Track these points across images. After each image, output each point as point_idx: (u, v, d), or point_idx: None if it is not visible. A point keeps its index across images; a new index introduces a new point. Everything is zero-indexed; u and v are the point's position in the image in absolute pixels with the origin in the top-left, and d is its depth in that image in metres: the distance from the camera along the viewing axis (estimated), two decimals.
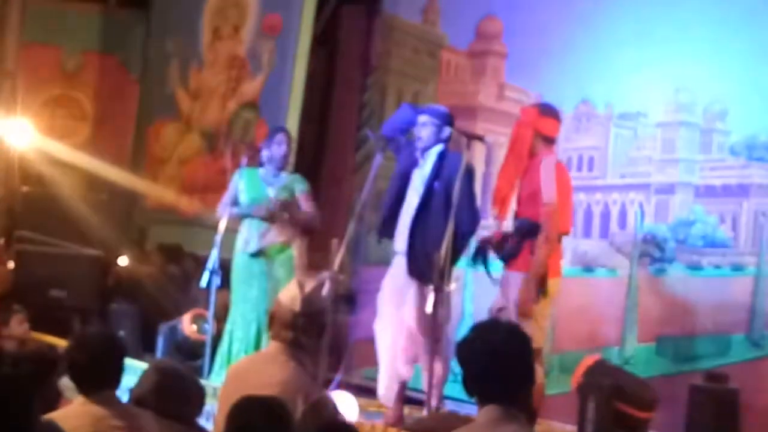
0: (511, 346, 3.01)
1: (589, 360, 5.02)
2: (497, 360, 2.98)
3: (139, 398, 3.81)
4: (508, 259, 5.34)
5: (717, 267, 6.17)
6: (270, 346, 4.00)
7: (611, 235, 6.73)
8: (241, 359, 5.13)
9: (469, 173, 5.53)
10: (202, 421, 4.11)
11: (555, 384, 5.94)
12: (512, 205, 5.59)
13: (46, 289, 8.65)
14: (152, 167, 10.25)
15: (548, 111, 5.55)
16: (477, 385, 3.02)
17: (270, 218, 6.52)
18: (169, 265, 8.91)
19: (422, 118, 5.81)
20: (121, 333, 7.69)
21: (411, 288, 5.68)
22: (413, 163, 5.82)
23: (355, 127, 8.58)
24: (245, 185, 6.64)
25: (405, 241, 5.71)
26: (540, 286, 5.12)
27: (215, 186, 8.29)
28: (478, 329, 3.12)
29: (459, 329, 7.06)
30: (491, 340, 3.02)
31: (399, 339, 5.71)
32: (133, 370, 4.06)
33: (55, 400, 3.97)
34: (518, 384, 3.02)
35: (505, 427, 2.93)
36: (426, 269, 5.54)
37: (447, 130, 5.77)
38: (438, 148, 5.78)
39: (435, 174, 5.72)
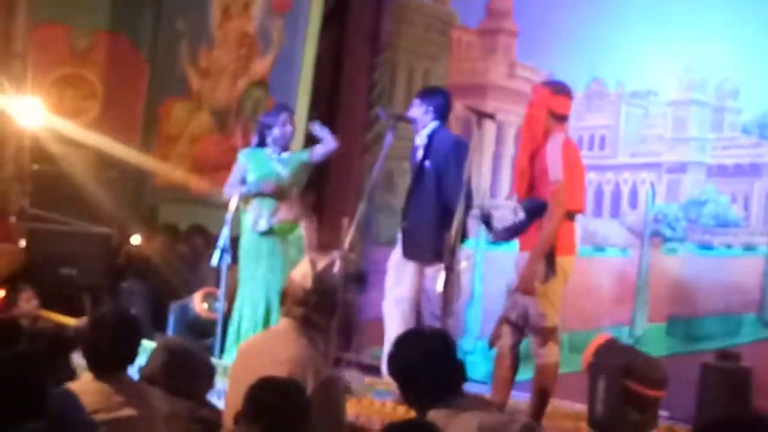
0: (433, 364, 3.29)
1: (599, 339, 5.01)
2: (424, 374, 3.27)
3: (148, 377, 3.83)
4: (514, 238, 5.32)
5: (728, 247, 6.15)
6: (281, 322, 4.00)
7: (622, 214, 6.71)
8: (251, 337, 5.12)
9: (459, 149, 5.52)
10: (213, 399, 4.12)
11: (565, 363, 5.91)
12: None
13: (56, 267, 8.66)
14: (162, 146, 10.26)
15: (560, 89, 5.51)
16: (411, 398, 3.35)
17: (280, 194, 6.51)
18: (179, 243, 8.92)
19: (414, 100, 5.85)
20: (132, 311, 7.71)
21: (408, 266, 5.72)
22: (416, 146, 5.86)
23: (366, 105, 8.54)
24: (252, 164, 6.63)
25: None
26: (549, 264, 5.10)
27: (225, 164, 8.24)
28: (403, 342, 3.44)
29: (468, 309, 7.09)
30: (408, 355, 3.34)
31: (400, 318, 5.74)
32: (144, 348, 4.07)
33: (69, 378, 3.98)
34: (449, 385, 3.30)
35: (463, 416, 3.18)
36: (419, 249, 5.57)
37: (435, 107, 5.75)
38: (431, 126, 5.78)
39: (425, 153, 5.74)
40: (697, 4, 6.33)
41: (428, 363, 3.32)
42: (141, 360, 3.91)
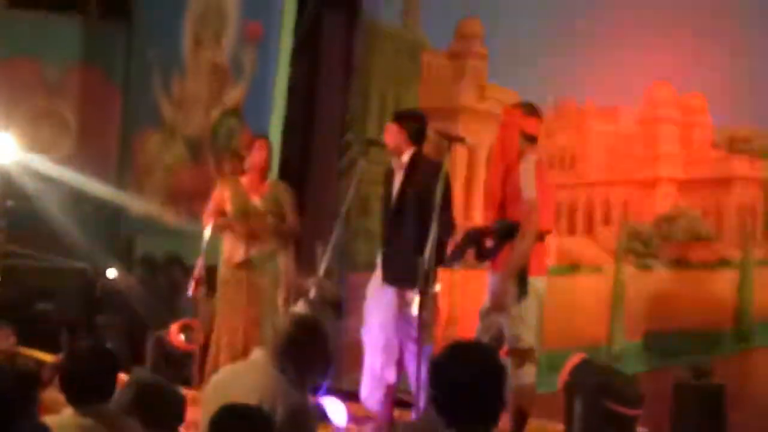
0: (486, 379, 3.02)
1: (574, 359, 5.02)
2: (472, 392, 2.99)
3: (119, 411, 3.81)
4: (487, 259, 5.34)
5: (702, 261, 6.18)
6: (254, 353, 4.02)
7: (595, 232, 6.74)
8: (224, 367, 5.12)
9: (446, 179, 5.53)
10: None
11: (543, 382, 5.93)
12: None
13: (32, 302, 8.65)
14: (138, 176, 10.25)
15: (531, 110, 5.55)
16: (446, 409, 3.03)
17: (254, 230, 6.51)
18: (156, 275, 8.90)
19: (390, 125, 5.85)
20: (109, 345, 7.66)
21: (388, 292, 5.72)
22: (392, 170, 5.87)
23: (339, 131, 8.57)
24: (230, 194, 6.62)
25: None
26: (521, 285, 5.11)
27: (201, 194, 8.26)
28: (453, 354, 3.11)
29: (447, 332, 7.09)
30: (466, 368, 3.03)
31: (380, 343, 5.74)
32: (122, 382, 4.07)
33: (35, 416, 3.97)
34: (488, 416, 3.02)
35: None
36: (400, 274, 5.57)
37: (410, 131, 5.77)
38: (409, 151, 5.79)
39: (407, 179, 5.75)
40: (662, 22, 6.38)
41: (485, 381, 3.05)
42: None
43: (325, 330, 4.07)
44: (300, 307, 5.81)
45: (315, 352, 3.96)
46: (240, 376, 3.82)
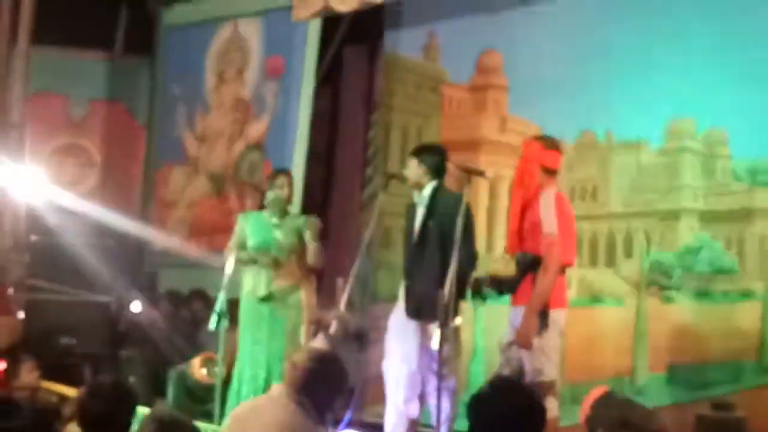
0: (528, 420, 3.02)
1: (596, 392, 4.97)
2: (509, 426, 2.98)
3: None
4: (507, 293, 5.33)
5: (725, 293, 6.14)
6: (273, 388, 4.03)
7: (617, 264, 6.71)
8: (245, 402, 5.13)
9: (467, 212, 5.52)
10: None
11: (567, 415, 5.89)
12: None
13: (56, 337, 8.70)
14: (161, 211, 10.31)
15: (552, 144, 5.56)
16: None
17: (277, 260, 6.53)
18: (178, 308, 8.93)
19: (411, 160, 5.87)
20: (132, 379, 7.70)
21: (412, 326, 5.70)
22: (415, 204, 5.88)
23: (361, 164, 8.61)
24: (251, 229, 6.65)
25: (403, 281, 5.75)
26: (542, 318, 5.10)
27: (223, 228, 8.31)
28: (497, 390, 3.11)
29: (470, 365, 7.07)
30: (508, 407, 3.02)
31: (403, 377, 5.72)
32: (140, 416, 4.09)
33: None
34: None
35: None
36: (423, 308, 5.55)
37: (429, 165, 5.78)
38: (431, 185, 5.80)
39: (428, 213, 5.75)
40: (683, 54, 6.39)
41: (525, 419, 3.08)
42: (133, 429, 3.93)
43: (342, 364, 4.08)
44: (319, 342, 5.81)
45: (333, 386, 3.96)
46: (259, 411, 3.84)
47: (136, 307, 8.99)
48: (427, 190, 5.81)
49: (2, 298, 8.32)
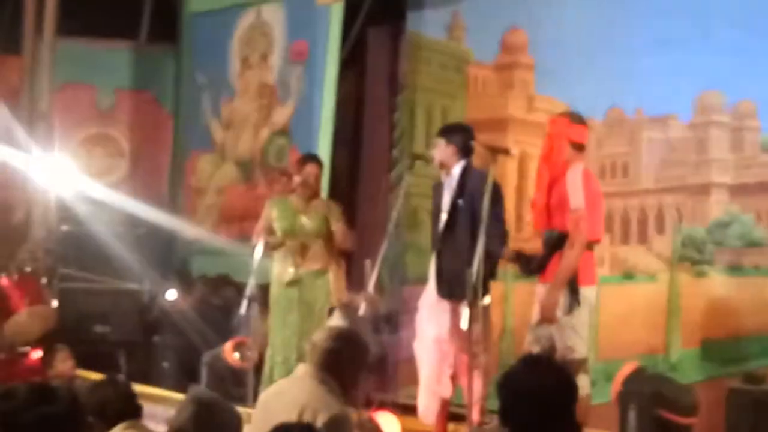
0: (559, 396, 2.96)
1: (627, 368, 4.97)
2: (542, 406, 2.93)
3: (177, 429, 3.85)
4: (537, 272, 5.31)
5: (756, 267, 6.09)
6: (298, 369, 4.08)
7: (649, 240, 6.67)
8: (273, 384, 5.16)
9: (495, 190, 5.50)
10: None
11: (601, 393, 5.88)
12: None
13: (89, 325, 8.78)
14: (190, 199, 10.35)
15: (577, 118, 5.54)
16: (514, 422, 2.97)
17: (303, 249, 6.56)
18: (211, 294, 8.97)
19: (439, 141, 5.86)
20: (165, 365, 7.75)
21: (444, 306, 5.70)
22: (441, 183, 5.87)
23: (387, 146, 8.59)
24: (278, 214, 6.68)
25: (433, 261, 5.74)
26: (573, 295, 5.07)
27: (252, 214, 8.32)
28: (527, 368, 3.07)
29: (501, 343, 7.06)
30: (538, 384, 2.97)
31: (435, 357, 5.72)
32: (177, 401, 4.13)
33: None
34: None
35: None
36: (454, 287, 5.54)
37: (458, 144, 5.76)
38: (459, 165, 5.78)
39: (458, 192, 5.73)
40: (709, 27, 6.32)
41: (555, 395, 2.99)
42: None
43: (362, 340, 4.12)
44: (336, 320, 5.85)
45: (354, 362, 4.00)
46: (283, 391, 3.90)
47: (171, 294, 9.03)
48: (457, 170, 5.79)
49: (36, 287, 8.38)
